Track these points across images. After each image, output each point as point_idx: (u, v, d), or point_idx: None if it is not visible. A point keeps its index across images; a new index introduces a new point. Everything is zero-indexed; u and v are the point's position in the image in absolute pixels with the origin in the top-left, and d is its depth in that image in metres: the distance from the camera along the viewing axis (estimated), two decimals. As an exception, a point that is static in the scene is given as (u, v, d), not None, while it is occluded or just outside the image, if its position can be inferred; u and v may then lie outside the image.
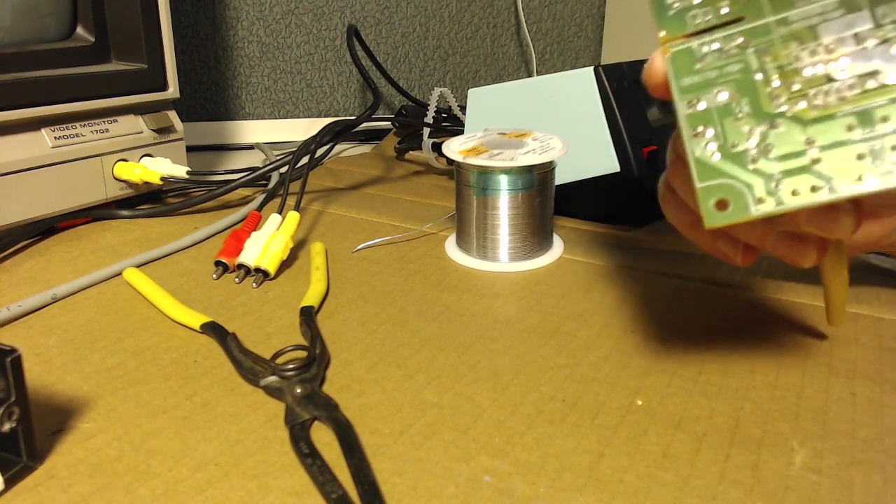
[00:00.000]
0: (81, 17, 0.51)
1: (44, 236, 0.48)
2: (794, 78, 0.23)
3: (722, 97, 0.24)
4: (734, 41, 0.24)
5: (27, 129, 0.46)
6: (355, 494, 0.23)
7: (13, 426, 0.24)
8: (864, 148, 0.22)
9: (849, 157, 0.22)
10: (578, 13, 1.07)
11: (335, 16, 0.87)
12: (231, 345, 0.32)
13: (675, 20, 0.25)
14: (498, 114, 0.53)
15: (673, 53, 0.25)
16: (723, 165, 0.24)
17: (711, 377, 0.31)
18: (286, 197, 0.47)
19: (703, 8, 0.24)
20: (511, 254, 0.43)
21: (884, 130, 0.22)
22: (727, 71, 0.24)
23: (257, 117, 0.85)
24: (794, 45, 0.23)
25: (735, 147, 0.24)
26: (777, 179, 0.23)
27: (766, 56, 0.23)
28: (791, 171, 0.23)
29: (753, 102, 0.23)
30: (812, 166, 0.23)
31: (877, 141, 0.22)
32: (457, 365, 0.32)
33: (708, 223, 0.24)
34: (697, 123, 0.24)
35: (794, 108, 0.23)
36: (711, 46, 0.24)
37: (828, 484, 0.24)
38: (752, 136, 0.23)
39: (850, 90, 0.22)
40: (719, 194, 0.24)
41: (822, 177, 0.22)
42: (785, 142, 0.23)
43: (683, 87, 0.24)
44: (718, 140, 0.24)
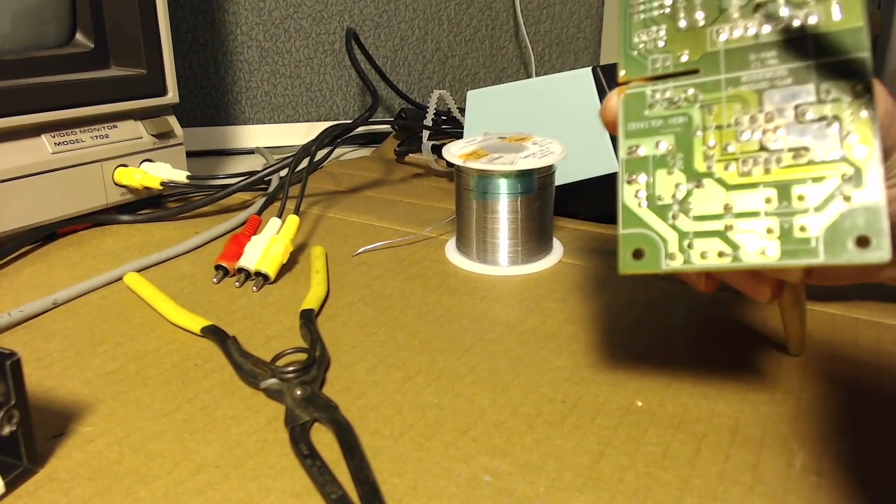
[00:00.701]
0: (80, 23, 0.52)
1: (45, 242, 0.48)
2: (730, 141, 0.23)
3: (661, 147, 0.24)
4: (685, 93, 0.24)
5: (27, 136, 0.46)
6: (355, 495, 0.23)
7: (13, 429, 0.24)
8: (775, 223, 0.22)
9: (759, 229, 0.22)
10: (577, 14, 1.07)
11: (334, 19, 0.87)
12: (231, 348, 0.32)
13: (637, 62, 0.25)
14: (497, 115, 0.53)
15: (627, 95, 0.25)
16: (646, 216, 0.24)
17: (711, 379, 0.31)
18: (286, 200, 0.47)
19: (664, 54, 0.25)
20: (511, 257, 0.43)
21: (797, 208, 0.21)
22: (671, 122, 0.24)
23: (257, 122, 0.85)
24: (737, 108, 0.23)
25: (661, 200, 0.24)
26: (690, 239, 0.23)
27: (710, 114, 0.23)
28: (704, 233, 0.23)
29: (687, 158, 0.24)
30: (724, 232, 0.23)
31: (788, 218, 0.22)
32: (457, 367, 0.32)
33: (621, 269, 0.24)
34: (633, 170, 0.24)
35: (721, 170, 0.23)
36: (664, 94, 0.24)
37: (828, 486, 0.24)
38: (678, 191, 0.23)
39: (778, 163, 0.22)
40: (638, 244, 0.24)
41: (731, 244, 0.22)
42: (705, 203, 0.23)
43: (629, 131, 0.25)
44: (648, 190, 0.24)
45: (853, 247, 0.20)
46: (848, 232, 0.20)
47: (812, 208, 0.21)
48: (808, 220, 0.21)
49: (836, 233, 0.21)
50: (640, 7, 0.26)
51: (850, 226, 0.20)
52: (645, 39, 0.25)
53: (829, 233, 0.21)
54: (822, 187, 0.21)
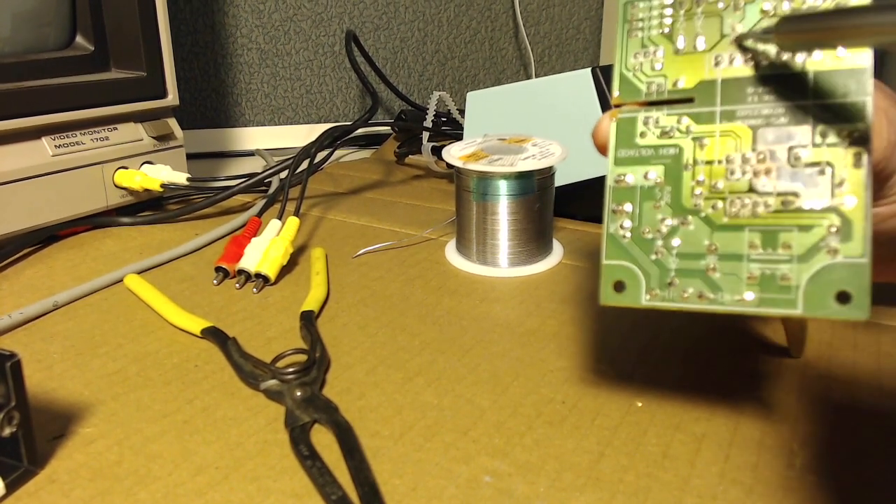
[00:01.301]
0: (80, 26, 0.52)
1: (45, 244, 0.48)
2: (720, 178, 0.22)
3: (650, 178, 0.23)
4: (678, 122, 0.23)
5: (27, 138, 0.46)
6: (355, 496, 0.23)
7: (13, 431, 0.24)
8: (757, 269, 0.21)
9: (741, 274, 0.21)
10: (576, 16, 1.07)
11: (333, 22, 0.87)
12: (231, 349, 0.32)
13: (632, 84, 0.24)
14: (497, 116, 0.53)
15: (619, 119, 0.24)
16: (630, 248, 0.23)
17: (711, 380, 0.31)
18: (286, 202, 0.47)
19: (660, 78, 0.24)
20: (511, 259, 0.43)
21: (781, 257, 0.21)
22: (661, 153, 0.23)
23: (257, 124, 0.85)
24: (730, 144, 0.22)
25: (646, 233, 0.23)
26: (672, 276, 0.22)
27: (702, 147, 0.23)
28: (686, 271, 0.22)
29: (675, 193, 0.23)
30: (706, 273, 0.22)
31: (771, 266, 0.21)
32: (457, 367, 0.32)
33: (602, 301, 0.23)
34: (620, 199, 0.24)
35: (708, 209, 0.22)
36: (657, 122, 0.24)
37: (828, 486, 0.24)
38: (664, 226, 0.23)
39: (766, 207, 0.22)
40: (619, 276, 0.23)
41: (712, 286, 0.22)
42: (690, 241, 0.22)
43: (619, 158, 0.24)
44: (633, 221, 0.23)
45: (833, 302, 0.20)
46: (830, 286, 0.20)
47: (796, 257, 0.21)
48: (790, 269, 0.21)
49: (818, 286, 0.20)
50: (639, 25, 0.24)
51: (832, 280, 0.20)
52: (642, 60, 0.24)
53: (811, 285, 0.20)
54: (808, 237, 0.21)
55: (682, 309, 0.22)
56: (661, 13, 0.24)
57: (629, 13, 0.25)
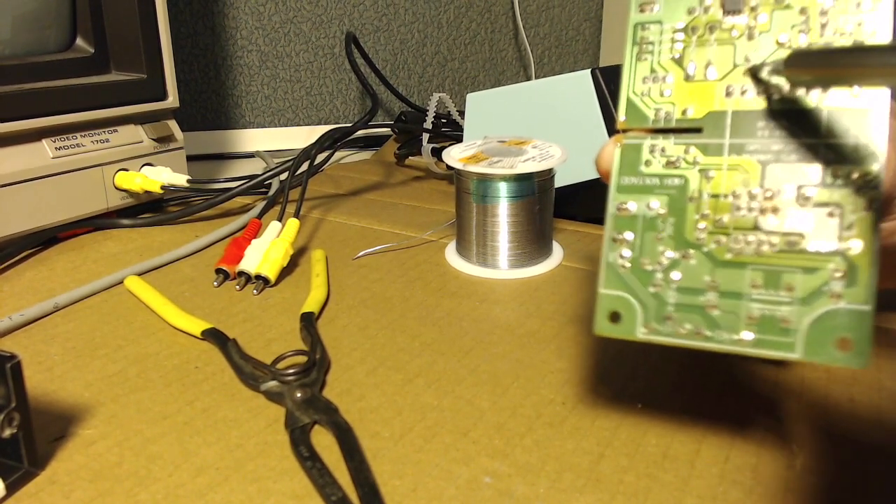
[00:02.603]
0: (81, 28, 0.52)
1: (46, 246, 0.48)
2: (725, 213, 0.22)
3: (653, 208, 0.23)
4: (685, 152, 0.23)
5: (28, 140, 0.46)
6: (355, 497, 0.23)
7: (14, 432, 0.24)
8: (757, 310, 0.21)
9: (741, 313, 0.21)
10: (576, 17, 1.07)
11: (333, 24, 0.87)
12: (231, 351, 0.32)
13: (639, 111, 0.23)
14: (497, 118, 0.53)
15: (624, 146, 0.23)
16: (629, 279, 0.23)
17: (711, 381, 0.31)
18: (286, 204, 0.47)
19: (669, 105, 0.23)
20: (511, 261, 0.43)
21: (783, 299, 0.20)
22: (666, 183, 0.23)
23: (257, 126, 0.86)
24: (737, 178, 0.22)
25: (645, 264, 0.22)
26: (670, 311, 0.22)
27: (708, 180, 0.22)
28: (684, 306, 0.22)
29: (678, 225, 0.22)
30: (705, 309, 0.21)
31: (772, 307, 0.20)
32: (457, 369, 0.32)
33: (596, 330, 0.23)
34: (621, 227, 0.23)
35: (711, 244, 0.22)
36: (663, 151, 0.23)
37: (827, 486, 0.24)
38: (664, 258, 0.22)
39: (771, 246, 0.21)
40: (616, 307, 0.23)
41: (710, 323, 0.21)
42: (690, 276, 0.22)
43: (622, 185, 0.23)
44: (634, 251, 0.23)
45: (834, 349, 0.19)
46: (831, 332, 0.19)
47: (798, 300, 0.20)
48: (791, 311, 0.20)
49: (819, 331, 0.19)
50: (649, 49, 0.23)
51: (834, 326, 0.19)
52: (650, 86, 0.23)
53: (812, 329, 0.20)
54: (812, 280, 0.20)
55: (678, 345, 0.22)
56: (673, 38, 0.23)
57: (639, 35, 0.24)
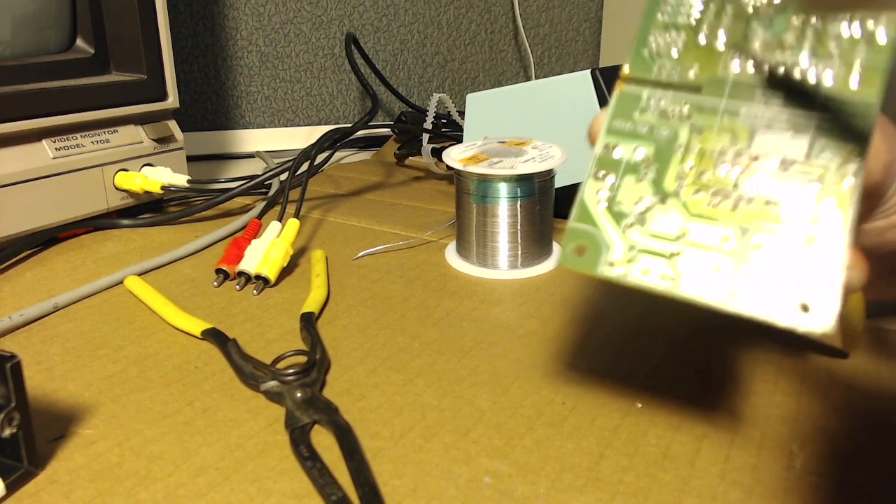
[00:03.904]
0: (81, 29, 0.52)
1: (46, 246, 0.48)
2: (708, 169, 0.22)
3: (638, 154, 0.23)
4: (680, 107, 0.23)
5: (28, 141, 0.46)
6: (355, 497, 0.23)
7: (14, 432, 0.24)
8: (724, 263, 0.21)
9: (707, 264, 0.21)
10: (576, 17, 1.07)
11: (334, 24, 0.87)
12: (232, 351, 0.32)
13: (645, 62, 0.24)
14: (497, 118, 0.53)
15: (623, 92, 0.24)
16: (600, 216, 0.23)
17: (711, 381, 0.31)
18: (286, 204, 0.47)
19: (674, 63, 0.24)
20: (511, 261, 0.43)
21: (751, 256, 0.21)
22: (657, 133, 0.23)
23: (257, 126, 0.86)
24: (726, 138, 0.22)
25: (620, 205, 0.23)
26: (636, 252, 0.22)
27: (698, 135, 0.23)
28: (652, 251, 0.22)
29: (660, 172, 0.23)
30: (672, 256, 0.22)
31: (739, 262, 0.21)
32: (457, 369, 0.32)
33: (560, 261, 0.23)
34: (604, 167, 0.23)
35: (689, 195, 0.22)
36: (659, 102, 0.24)
37: (827, 486, 0.24)
38: (641, 203, 0.23)
39: (748, 205, 0.21)
40: (583, 240, 0.23)
41: (675, 270, 0.21)
42: (663, 222, 0.22)
43: (613, 127, 0.24)
44: (612, 192, 0.23)
45: (796, 311, 0.19)
46: (794, 293, 0.20)
47: (765, 259, 0.20)
48: (758, 269, 0.20)
49: (782, 291, 0.20)
50: (668, 9, 0.25)
51: (797, 288, 0.20)
52: (661, 43, 0.24)
53: (775, 288, 0.20)
54: (783, 243, 0.20)
55: (638, 286, 0.22)
56: (692, 3, 0.24)
57: None
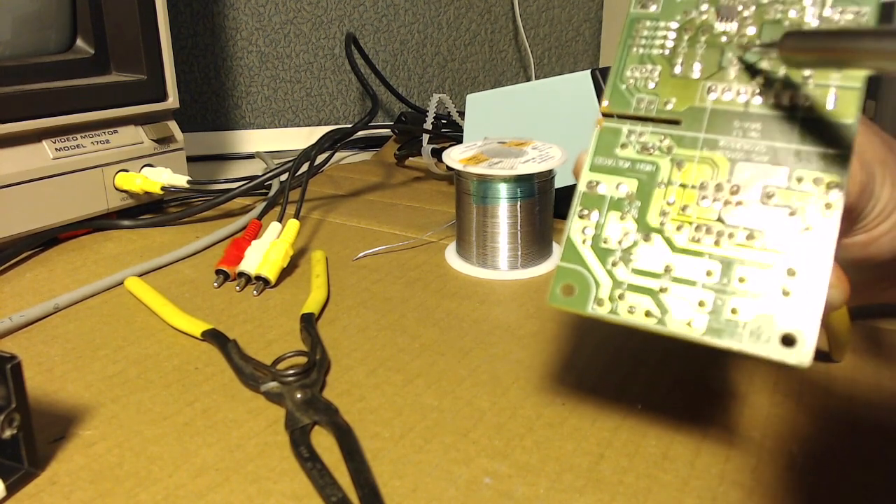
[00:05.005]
0: (81, 29, 0.52)
1: (46, 247, 0.48)
2: (690, 203, 0.22)
3: (621, 190, 0.23)
4: (660, 141, 0.23)
5: (28, 141, 0.46)
6: (355, 498, 0.23)
7: (14, 433, 0.24)
8: (709, 298, 0.21)
9: (692, 299, 0.21)
10: (576, 18, 1.07)
11: (334, 24, 0.87)
12: (232, 351, 0.32)
13: (623, 97, 0.24)
14: (496, 118, 0.53)
15: (603, 128, 0.24)
16: (588, 255, 0.23)
17: (711, 382, 0.31)
18: (286, 205, 0.47)
19: (652, 96, 0.24)
20: (511, 261, 0.43)
21: (735, 290, 0.21)
22: (638, 167, 0.23)
23: (257, 126, 0.86)
24: (707, 171, 0.22)
25: (605, 243, 0.23)
26: (623, 290, 0.22)
27: (679, 169, 0.23)
28: (638, 288, 0.22)
29: (643, 208, 0.23)
30: (658, 292, 0.22)
31: (724, 297, 0.21)
32: (457, 369, 0.32)
33: (549, 301, 0.23)
34: (588, 205, 0.24)
35: (673, 231, 0.22)
36: (639, 137, 0.24)
37: (828, 487, 0.24)
38: (626, 239, 0.23)
39: (730, 239, 0.21)
40: (570, 279, 0.23)
41: (661, 306, 0.22)
42: (648, 258, 0.22)
43: (595, 164, 0.24)
44: (596, 229, 0.23)
45: (777, 343, 0.20)
46: (777, 327, 0.20)
47: (749, 293, 0.21)
48: (742, 303, 0.21)
49: (766, 324, 0.20)
50: (642, 42, 0.25)
51: (780, 321, 0.20)
52: (637, 76, 0.24)
53: (759, 322, 0.20)
54: (765, 275, 0.21)
55: (626, 324, 0.22)
56: (666, 35, 0.25)
57: (634, 28, 0.25)
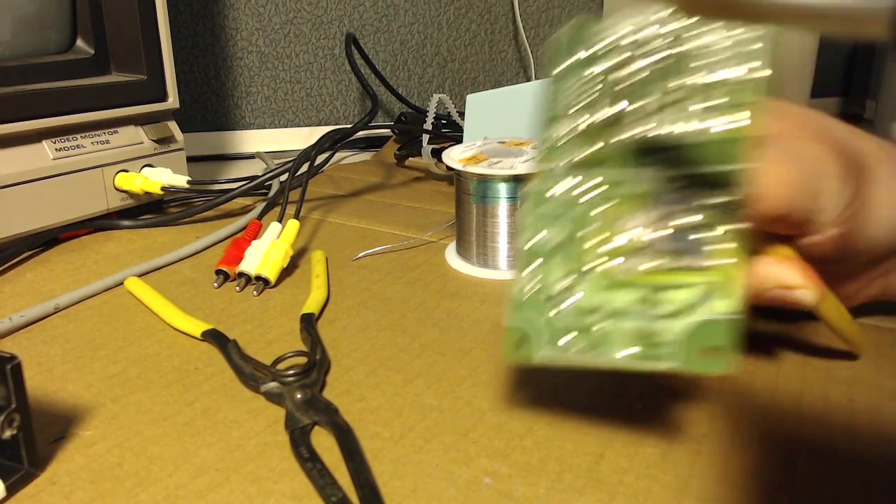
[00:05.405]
0: (81, 29, 0.52)
1: (46, 247, 0.48)
2: (611, 241, 0.23)
3: (555, 240, 0.24)
4: (582, 187, 0.25)
5: (28, 142, 0.46)
6: (355, 498, 0.23)
7: (14, 433, 0.24)
8: (639, 326, 0.22)
9: (628, 329, 0.22)
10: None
11: (334, 24, 0.87)
12: (232, 352, 0.32)
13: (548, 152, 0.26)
14: (496, 119, 0.53)
15: (535, 184, 0.26)
16: (531, 305, 0.24)
17: (711, 383, 0.31)
18: (286, 205, 0.47)
19: (573, 147, 0.25)
20: (511, 261, 0.43)
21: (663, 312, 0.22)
22: (568, 214, 0.25)
23: (257, 127, 0.86)
24: (625, 209, 0.24)
25: (545, 290, 0.24)
26: (563, 332, 0.23)
27: (602, 210, 0.24)
28: (579, 327, 0.23)
29: (576, 252, 0.24)
30: (597, 328, 0.23)
31: (652, 322, 0.22)
32: (457, 369, 0.32)
33: (507, 355, 0.24)
34: (528, 258, 0.25)
35: (602, 267, 0.23)
36: (565, 186, 0.25)
37: (828, 486, 0.24)
38: (560, 285, 0.24)
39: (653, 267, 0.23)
40: (518, 333, 0.24)
41: (600, 342, 0.23)
42: (585, 298, 0.23)
43: (530, 219, 0.25)
44: (538, 280, 0.24)
45: (705, 356, 0.21)
46: (703, 340, 0.21)
47: (676, 313, 0.22)
48: (670, 324, 0.22)
49: (693, 340, 0.21)
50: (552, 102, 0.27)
51: (706, 335, 0.21)
52: (553, 134, 0.26)
53: (687, 339, 0.21)
54: (688, 295, 0.22)
55: (573, 365, 0.23)
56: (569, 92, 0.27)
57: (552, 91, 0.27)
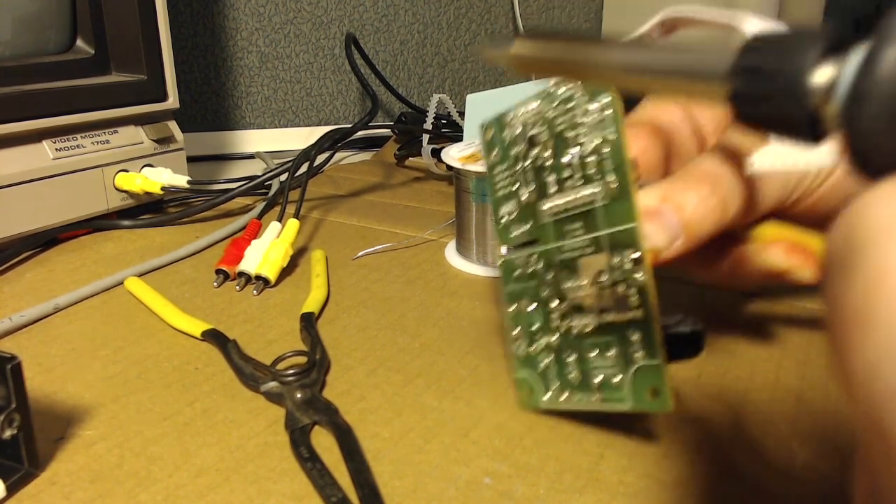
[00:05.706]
0: (81, 29, 0.52)
1: (46, 247, 0.48)
2: (564, 303, 0.26)
3: (530, 306, 0.28)
4: (534, 260, 0.27)
5: (28, 142, 0.46)
6: (355, 498, 0.23)
7: (14, 433, 0.24)
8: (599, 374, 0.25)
9: (590, 379, 0.25)
10: (576, 19, 1.07)
11: (334, 24, 0.87)
12: (232, 351, 0.32)
13: (503, 231, 0.29)
14: (496, 119, 0.53)
15: (502, 261, 0.29)
16: (526, 362, 0.28)
17: (711, 380, 0.31)
18: (286, 205, 0.47)
19: (518, 224, 0.28)
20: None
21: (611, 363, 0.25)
22: (530, 285, 0.27)
23: (257, 127, 0.86)
24: (565, 274, 0.26)
25: (531, 351, 0.28)
26: (552, 384, 0.27)
27: (552, 278, 0.26)
28: (561, 378, 0.27)
29: (545, 316, 0.27)
30: (571, 379, 0.26)
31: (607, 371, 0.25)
32: (457, 369, 0.32)
33: (520, 405, 0.28)
34: (514, 324, 0.28)
35: (563, 328, 0.26)
36: (523, 261, 0.28)
37: (828, 486, 0.24)
38: (540, 344, 0.27)
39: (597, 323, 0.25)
40: (525, 386, 0.28)
41: (578, 390, 0.26)
42: (559, 355, 0.27)
43: (505, 294, 0.29)
44: (525, 339, 0.28)
45: (649, 397, 0.24)
46: (644, 384, 0.24)
47: (619, 364, 0.24)
48: (618, 373, 0.24)
49: (637, 385, 0.24)
50: (499, 184, 0.29)
51: (644, 380, 0.24)
52: (504, 212, 0.28)
53: (633, 385, 0.24)
54: (624, 347, 0.24)
55: (564, 409, 0.27)
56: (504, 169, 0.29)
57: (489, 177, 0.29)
